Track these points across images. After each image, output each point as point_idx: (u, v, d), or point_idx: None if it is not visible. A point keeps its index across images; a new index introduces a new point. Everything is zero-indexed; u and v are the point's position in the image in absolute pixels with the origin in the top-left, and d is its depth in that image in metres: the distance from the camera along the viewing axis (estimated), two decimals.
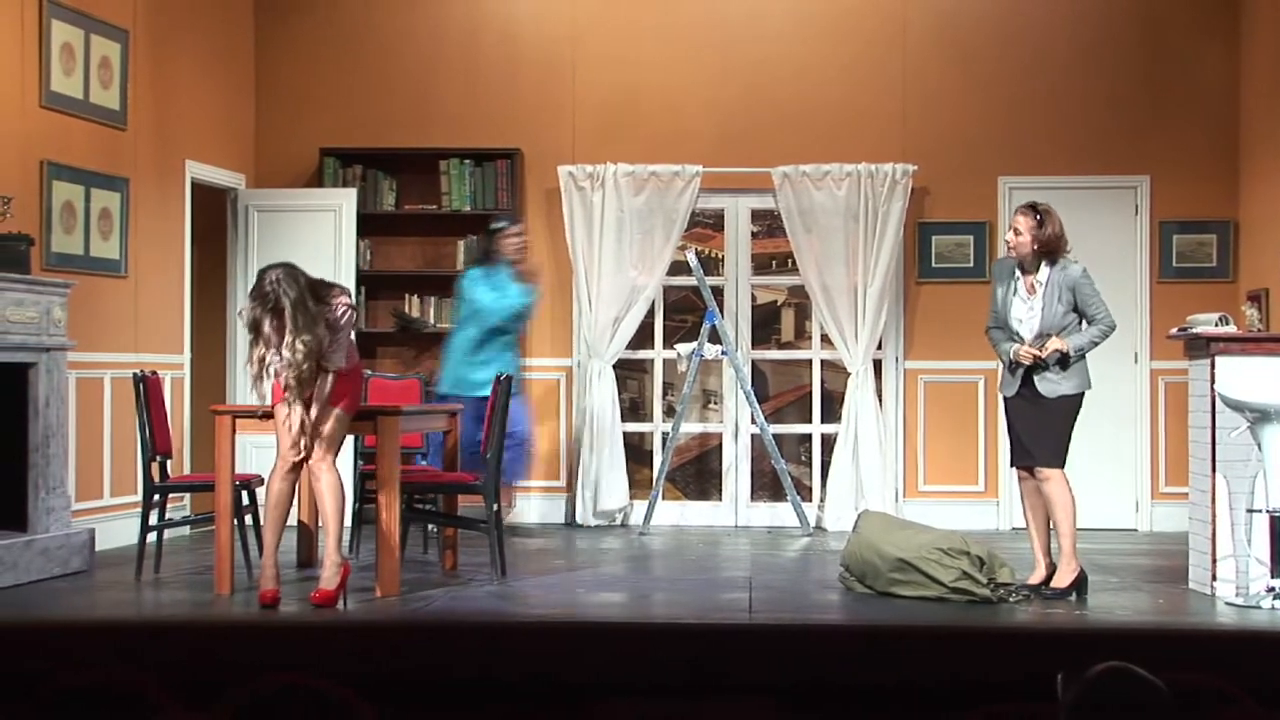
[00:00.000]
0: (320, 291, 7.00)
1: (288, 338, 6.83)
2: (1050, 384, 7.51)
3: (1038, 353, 7.45)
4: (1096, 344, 7.52)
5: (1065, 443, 7.56)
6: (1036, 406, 7.59)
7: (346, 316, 7.03)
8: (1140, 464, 10.71)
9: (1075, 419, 7.57)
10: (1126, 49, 10.83)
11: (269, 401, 7.14)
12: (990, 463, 10.72)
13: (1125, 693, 3.05)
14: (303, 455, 7.03)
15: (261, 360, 6.91)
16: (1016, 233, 7.55)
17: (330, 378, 7.02)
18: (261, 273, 6.98)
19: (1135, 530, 10.61)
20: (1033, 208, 7.59)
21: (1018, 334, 7.58)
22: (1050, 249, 7.51)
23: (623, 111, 11.00)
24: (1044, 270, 7.53)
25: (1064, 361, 7.48)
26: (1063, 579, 7.52)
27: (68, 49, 8.73)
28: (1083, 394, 7.55)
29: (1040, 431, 7.57)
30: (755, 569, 8.55)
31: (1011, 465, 7.88)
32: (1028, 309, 7.56)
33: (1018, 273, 7.62)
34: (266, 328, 6.88)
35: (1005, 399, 7.70)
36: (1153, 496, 10.68)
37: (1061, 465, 7.54)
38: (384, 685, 4.46)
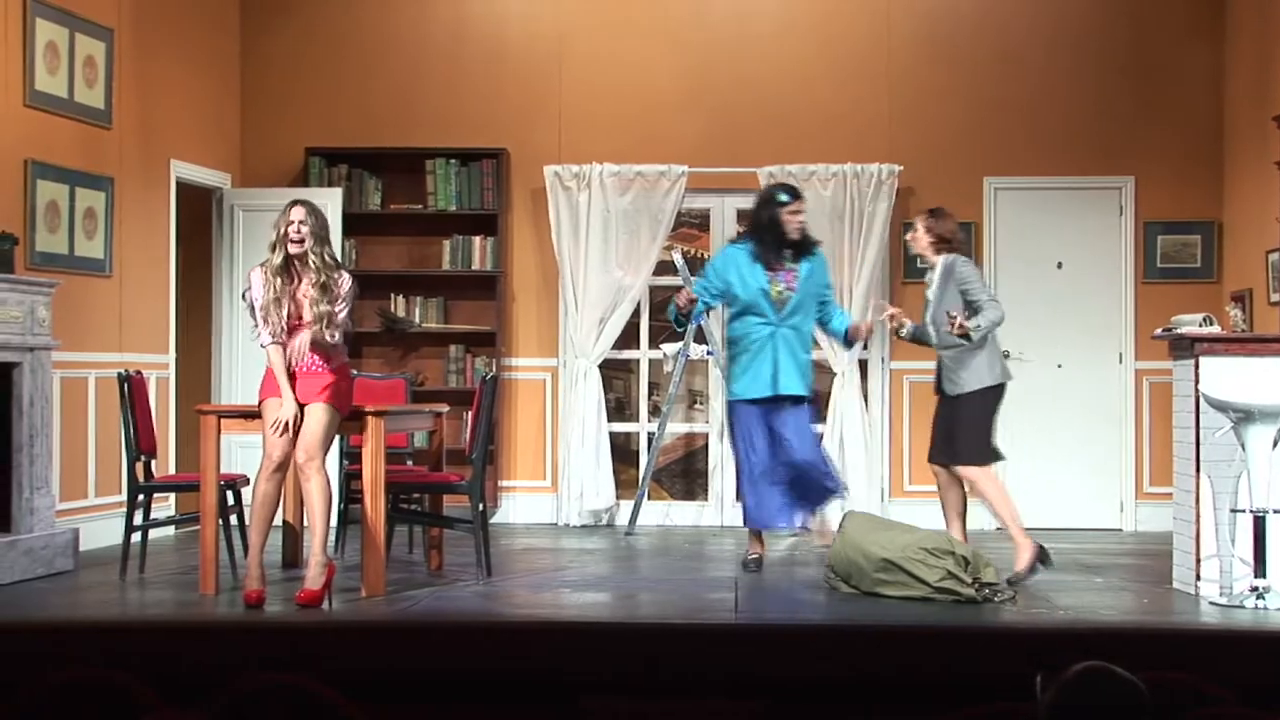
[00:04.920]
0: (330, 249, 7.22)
1: (308, 243, 6.99)
2: (950, 383, 7.78)
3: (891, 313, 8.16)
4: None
5: (978, 441, 7.72)
6: (949, 405, 7.78)
7: (349, 286, 7.11)
8: (1125, 464, 10.73)
9: (990, 415, 7.76)
10: (1112, 50, 10.85)
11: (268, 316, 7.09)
12: None
13: (1103, 692, 3.06)
14: (287, 452, 7.01)
15: (278, 287, 7.02)
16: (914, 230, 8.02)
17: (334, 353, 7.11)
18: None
19: (1120, 530, 10.63)
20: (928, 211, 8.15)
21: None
22: (944, 242, 7.90)
23: (608, 111, 11.01)
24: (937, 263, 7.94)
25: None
26: (1020, 563, 7.67)
27: (52, 48, 8.71)
28: (989, 389, 7.73)
29: (951, 430, 7.78)
30: (740, 569, 8.54)
31: (928, 460, 8.04)
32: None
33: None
34: (283, 227, 7.01)
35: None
36: (1137, 496, 10.71)
37: (980, 463, 7.72)
38: (369, 684, 4.46)
